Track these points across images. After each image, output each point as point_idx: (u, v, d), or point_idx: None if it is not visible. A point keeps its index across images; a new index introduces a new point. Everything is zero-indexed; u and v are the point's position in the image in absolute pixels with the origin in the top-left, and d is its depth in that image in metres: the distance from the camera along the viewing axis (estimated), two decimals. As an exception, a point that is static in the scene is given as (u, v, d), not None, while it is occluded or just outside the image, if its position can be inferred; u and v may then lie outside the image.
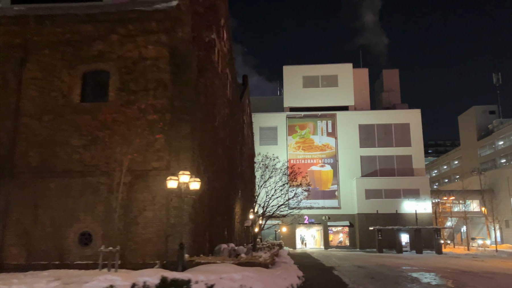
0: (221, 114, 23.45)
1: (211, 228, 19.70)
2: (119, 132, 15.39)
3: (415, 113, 54.05)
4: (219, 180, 22.03)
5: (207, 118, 18.95)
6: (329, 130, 54.19)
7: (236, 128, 30.83)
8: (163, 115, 15.68)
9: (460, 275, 19.52)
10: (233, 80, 29.12)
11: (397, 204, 49.28)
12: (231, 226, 26.36)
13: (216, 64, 21.79)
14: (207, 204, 18.47)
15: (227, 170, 25.15)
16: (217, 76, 22.02)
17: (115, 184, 14.96)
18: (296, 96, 55.96)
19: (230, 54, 27.55)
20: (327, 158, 53.57)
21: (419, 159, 52.91)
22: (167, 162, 15.31)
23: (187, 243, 14.78)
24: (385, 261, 29.17)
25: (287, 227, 51.78)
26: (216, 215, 21.22)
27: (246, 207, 29.87)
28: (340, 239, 52.94)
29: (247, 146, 38.82)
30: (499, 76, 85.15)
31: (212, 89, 20.33)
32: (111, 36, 16.31)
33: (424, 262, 28.65)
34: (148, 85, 15.94)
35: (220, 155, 22.97)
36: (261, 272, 11.45)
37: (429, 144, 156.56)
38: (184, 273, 10.24)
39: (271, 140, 54.55)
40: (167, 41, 16.19)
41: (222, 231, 23.02)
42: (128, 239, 14.99)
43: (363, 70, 59.65)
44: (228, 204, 25.52)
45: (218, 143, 22.33)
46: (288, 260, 22.74)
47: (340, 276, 18.47)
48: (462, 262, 29.56)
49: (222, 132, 23.78)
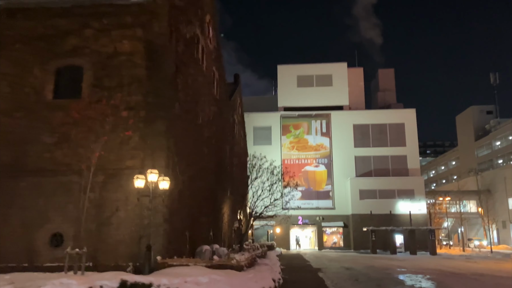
0: (206, 112, 22.95)
1: (193, 228, 19.18)
2: (92, 130, 14.86)
3: (410, 112, 53.51)
4: (203, 180, 21.52)
5: (188, 116, 18.44)
6: (324, 130, 53.66)
7: (226, 127, 30.33)
8: (138, 112, 15.16)
9: (447, 277, 19.02)
10: (221, 78, 28.62)
11: (392, 204, 48.75)
12: (218, 227, 25.85)
13: (199, 61, 21.29)
14: (187, 204, 17.97)
15: (213, 169, 24.65)
16: (201, 73, 21.52)
17: (87, 183, 14.45)
18: (291, 96, 55.42)
19: (217, 52, 27.04)
20: (321, 158, 53.04)
21: (414, 159, 52.35)
22: (141, 160, 14.79)
23: (160, 244, 14.29)
24: (376, 263, 28.65)
25: (280, 228, 51.31)
26: (200, 215, 20.71)
27: (236, 208, 29.35)
28: (334, 240, 52.38)
29: (238, 146, 38.32)
30: (497, 76, 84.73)
31: (194, 86, 19.84)
32: (85, 30, 15.80)
33: (415, 264, 28.13)
34: (122, 81, 15.42)
35: (205, 154, 22.46)
36: (232, 275, 10.93)
37: (428, 144, 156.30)
38: (146, 277, 9.72)
39: (265, 140, 54.02)
40: (143, 35, 15.68)
41: (207, 232, 22.50)
42: (101, 241, 14.47)
43: (358, 70, 59.10)
44: (214, 204, 25.01)
45: (203, 142, 21.83)
46: (273, 261, 22.22)
47: (324, 278, 17.96)
48: (454, 264, 29.04)
49: (208, 131, 23.27)
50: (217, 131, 26.39)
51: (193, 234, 19.24)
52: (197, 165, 20.17)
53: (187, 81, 18.35)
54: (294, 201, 50.85)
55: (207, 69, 23.44)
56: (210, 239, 23.56)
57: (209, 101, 23.79)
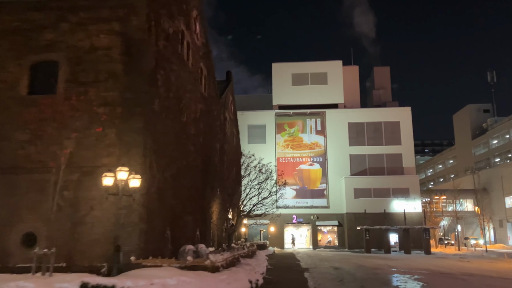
0: (193, 109, 22.52)
1: (176, 228, 18.78)
2: (67, 126, 14.50)
3: (406, 111, 53.09)
4: (188, 178, 21.12)
5: (170, 113, 18.02)
6: (318, 128, 53.22)
7: (215, 125, 29.89)
8: (114, 108, 14.74)
9: (435, 277, 18.63)
10: (210, 75, 28.18)
11: (387, 203, 48.35)
12: (206, 226, 25.44)
13: (184, 57, 20.86)
14: (169, 203, 17.57)
15: (200, 167, 24.23)
16: (186, 69, 21.09)
17: (62, 181, 14.05)
18: (285, 94, 54.98)
19: (206, 48, 26.60)
20: (316, 157, 52.61)
21: (409, 158, 51.94)
22: (117, 158, 14.37)
23: (136, 244, 13.89)
24: (367, 262, 28.27)
25: (275, 226, 50.89)
26: (184, 214, 20.31)
27: (227, 207, 28.80)
28: (329, 239, 51.99)
29: (230, 144, 37.88)
30: (494, 74, 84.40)
31: (177, 82, 19.41)
32: (61, 24, 15.36)
33: (407, 263, 27.75)
34: (99, 76, 14.99)
35: (191, 152, 22.04)
36: (203, 276, 10.53)
37: (426, 143, 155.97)
38: (110, 279, 9.31)
39: (260, 139, 53.60)
40: (120, 29, 15.25)
41: (192, 231, 22.10)
42: (75, 240, 14.05)
43: (353, 68, 58.67)
44: (202, 203, 24.61)
45: (188, 140, 21.41)
46: (260, 261, 21.83)
47: (308, 278, 17.58)
48: (446, 263, 28.66)
49: (194, 129, 22.85)
50: (205, 128, 25.96)
51: (176, 234, 18.84)
52: (181, 163, 19.77)
53: (169, 77, 17.92)
54: (288, 199, 50.81)
55: (193, 66, 23.00)
56: (196, 238, 23.18)
57: (195, 98, 23.36)
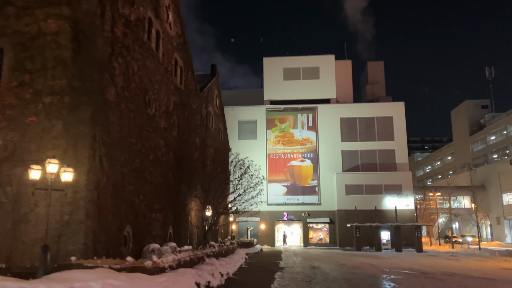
0: (163, 101, 21.55)
1: (139, 226, 17.84)
2: (11, 117, 13.52)
3: (399, 106, 51.96)
4: (156, 174, 20.16)
5: (131, 104, 17.05)
6: (310, 124, 52.14)
7: (194, 119, 28.93)
8: (62, 98, 13.75)
9: (412, 277, 17.65)
10: (188, 67, 27.19)
11: (379, 200, 47.27)
12: (180, 224, 24.50)
13: (151, 46, 19.86)
14: (128, 200, 16.60)
15: (173, 163, 23.27)
16: (154, 59, 20.10)
17: (3, 176, 13.11)
18: (277, 89, 53.88)
19: (181, 39, 25.60)
20: (307, 153, 51.54)
21: (403, 154, 50.83)
22: (63, 151, 13.40)
23: (81, 244, 12.93)
24: (351, 261, 27.31)
25: (265, 224, 49.98)
26: (151, 211, 19.36)
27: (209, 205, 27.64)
28: (320, 237, 50.97)
29: (214, 139, 36.92)
30: (492, 69, 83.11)
31: (142, 72, 18.44)
32: (7, 8, 14.36)
33: (392, 262, 26.78)
34: (46, 63, 14.00)
35: (160, 146, 21.06)
36: (136, 279, 9.58)
37: (426, 140, 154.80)
38: (22, 283, 8.36)
39: (250, 134, 52.60)
40: (70, 14, 14.25)
41: (163, 230, 21.16)
42: (17, 240, 13.11)
43: (346, 62, 57.45)
44: (175, 200, 23.67)
45: (156, 133, 20.41)
46: (234, 260, 20.90)
47: (277, 279, 16.66)
48: (433, 262, 27.68)
49: (165, 122, 21.88)
50: (181, 122, 24.99)
51: (140, 232, 17.92)
52: (146, 157, 18.81)
53: (130, 66, 16.95)
54: (279, 196, 49.83)
55: (164, 56, 22.01)
56: (169, 237, 22.26)
57: (167, 90, 22.37)
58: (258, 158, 51.57)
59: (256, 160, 51.94)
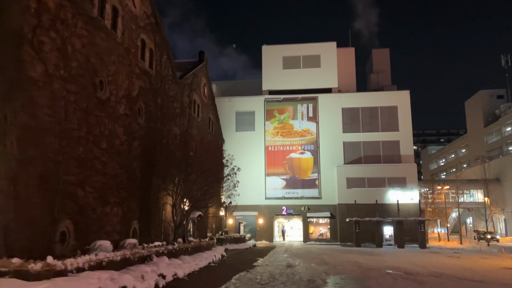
0: (122, 85, 19.73)
1: (85, 221, 16.10)
2: None
3: (404, 94, 49.31)
4: (109, 164, 18.35)
5: (71, 85, 15.25)
6: (310, 115, 49.86)
7: (171, 107, 27.14)
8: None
9: (389, 280, 15.54)
10: (162, 50, 25.35)
11: (381, 193, 44.88)
12: (151, 219, 22.75)
13: (104, 23, 18.03)
14: (67, 192, 14.83)
15: (139, 153, 21.49)
16: (106, 38, 18.26)
17: None
18: (276, 78, 51.72)
19: (151, 19, 23.74)
20: (307, 145, 49.32)
21: (408, 145, 48.20)
22: (-31, 134, 11.69)
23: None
24: (338, 258, 25.27)
25: (263, 219, 48.11)
26: (104, 205, 17.62)
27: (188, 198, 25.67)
28: (321, 232, 48.79)
29: (201, 130, 35.09)
30: (508, 58, 79.26)
31: (90, 51, 16.64)
32: None
33: (383, 260, 24.67)
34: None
35: (118, 134, 19.25)
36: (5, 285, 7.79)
37: (441, 132, 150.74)
38: None
39: (248, 126, 50.60)
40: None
41: (123, 225, 19.41)
42: None
43: (349, 50, 54.92)
44: (143, 193, 21.92)
45: (111, 119, 18.58)
46: (195, 260, 19.06)
47: (233, 281, 14.76)
48: (429, 260, 25.47)
49: (125, 108, 20.07)
50: (150, 109, 23.20)
51: (86, 228, 16.17)
52: (95, 145, 17.03)
53: (69, 43, 15.15)
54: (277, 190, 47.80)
55: (125, 36, 20.18)
56: (133, 233, 20.53)
57: (129, 73, 20.56)
58: (256, 151, 49.75)
59: (254, 153, 50.40)
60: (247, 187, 48.60)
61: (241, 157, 49.57)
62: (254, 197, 48.24)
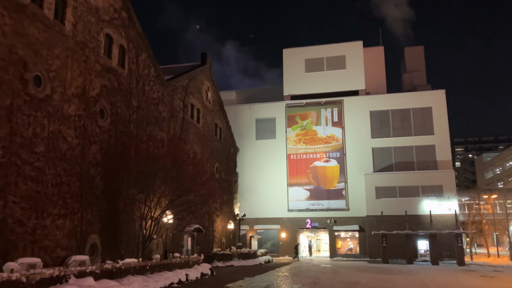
0: (71, 83, 17.65)
1: (8, 234, 13.95)
2: None
3: (439, 94, 44.52)
4: (48, 170, 16.24)
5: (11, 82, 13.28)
6: (335, 120, 46.21)
7: (155, 110, 24.96)
8: None
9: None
10: (139, 48, 23.27)
11: (415, 203, 40.30)
12: (119, 234, 20.40)
13: (41, 12, 16.07)
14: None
15: (99, 159, 19.32)
16: (45, 28, 16.27)
17: None
18: (298, 82, 48.60)
19: (122, 14, 21.74)
20: (332, 152, 45.59)
21: (445, 150, 43.27)
22: None
23: None
24: (334, 278, 21.68)
25: (286, 232, 44.76)
26: (39, 217, 15.41)
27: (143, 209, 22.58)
28: (350, 246, 44.64)
29: (203, 137, 32.68)
30: None
31: (12, 41, 14.66)
32: None
33: (393, 280, 20.94)
34: None
35: (67, 138, 17.14)
36: None
37: (500, 139, 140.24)
38: None
39: (269, 134, 47.69)
40: None
41: (70, 239, 17.12)
42: None
43: (377, 49, 50.84)
44: (108, 204, 19.70)
45: (52, 120, 16.46)
46: (150, 281, 16.43)
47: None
48: (450, 279, 21.38)
49: (78, 108, 17.96)
50: (119, 111, 21.04)
51: (8, 242, 14.00)
52: (25, 149, 14.92)
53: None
54: (301, 201, 44.46)
55: (77, 29, 18.17)
56: (90, 248, 18.23)
57: (85, 70, 18.49)
58: (278, 160, 46.68)
59: (276, 162, 47.36)
60: (269, 199, 45.68)
61: (261, 167, 46.92)
62: (276, 209, 45.17)
